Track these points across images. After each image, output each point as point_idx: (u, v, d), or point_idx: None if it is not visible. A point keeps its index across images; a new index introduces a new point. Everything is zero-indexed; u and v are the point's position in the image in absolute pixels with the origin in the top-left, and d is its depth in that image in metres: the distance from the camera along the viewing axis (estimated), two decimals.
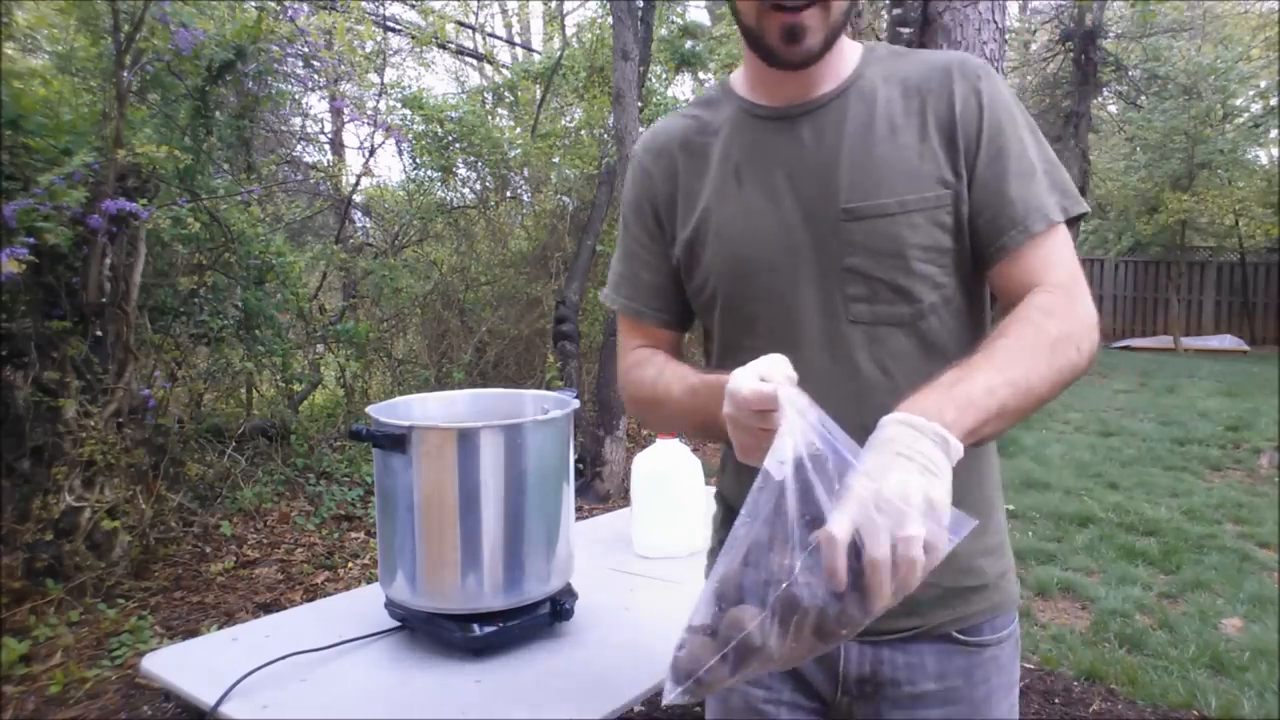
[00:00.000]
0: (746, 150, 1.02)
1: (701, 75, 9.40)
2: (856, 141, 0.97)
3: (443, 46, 7.67)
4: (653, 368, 1.07)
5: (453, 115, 6.52)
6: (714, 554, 1.15)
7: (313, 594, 3.46)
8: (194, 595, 3.40)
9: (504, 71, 8.81)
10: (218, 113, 4.40)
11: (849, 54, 1.01)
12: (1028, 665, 2.95)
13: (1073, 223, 0.97)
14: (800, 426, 0.72)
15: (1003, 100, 0.97)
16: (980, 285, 1.02)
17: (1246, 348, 12.75)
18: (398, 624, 1.40)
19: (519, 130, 7.36)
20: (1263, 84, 13.43)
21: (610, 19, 5.42)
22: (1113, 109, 14.60)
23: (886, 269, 0.96)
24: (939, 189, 0.95)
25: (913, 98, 0.97)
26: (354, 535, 4.13)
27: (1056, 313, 0.89)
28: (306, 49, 4.73)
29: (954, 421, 0.75)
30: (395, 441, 1.29)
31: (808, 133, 0.99)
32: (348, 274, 6.11)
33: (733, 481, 1.09)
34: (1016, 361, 0.83)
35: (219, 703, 1.17)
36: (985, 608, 1.02)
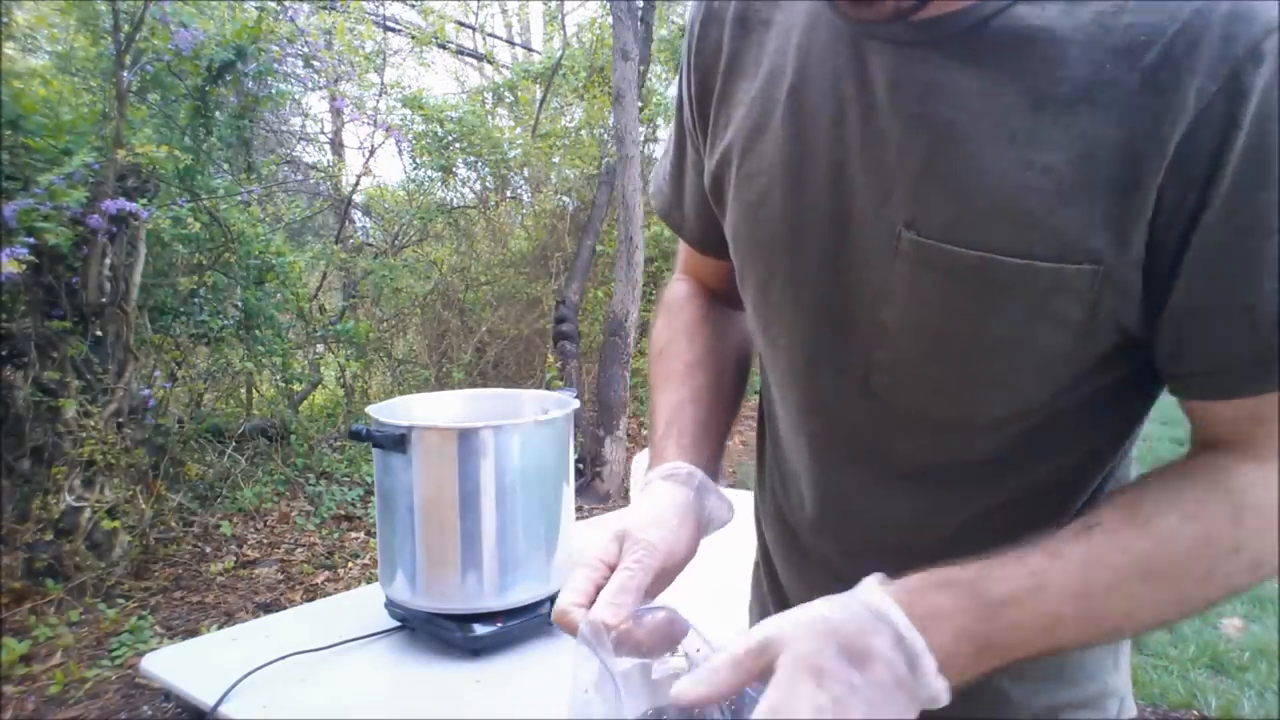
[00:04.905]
0: (811, 68, 0.63)
1: None
2: (951, 129, 0.56)
3: (443, 46, 7.67)
4: (668, 349, 0.83)
5: (453, 115, 6.52)
6: (752, 610, 0.93)
7: (313, 594, 3.46)
8: (194, 595, 3.40)
9: (504, 71, 8.81)
10: (218, 113, 4.40)
11: None
12: None
13: None
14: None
15: None
16: (1130, 389, 0.64)
17: None
18: (398, 624, 1.40)
19: (519, 130, 7.37)
20: None
21: (610, 19, 5.42)
22: None
23: (930, 349, 0.61)
24: (1070, 259, 0.54)
25: (1097, 84, 0.52)
26: (354, 535, 4.13)
27: (1253, 515, 0.54)
28: (306, 49, 4.73)
29: (962, 663, 0.51)
30: (395, 441, 1.29)
31: (882, 77, 0.59)
32: (348, 274, 6.11)
33: (761, 507, 0.85)
34: (1129, 593, 0.53)
35: (219, 703, 1.17)
36: None
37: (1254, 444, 0.56)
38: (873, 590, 0.52)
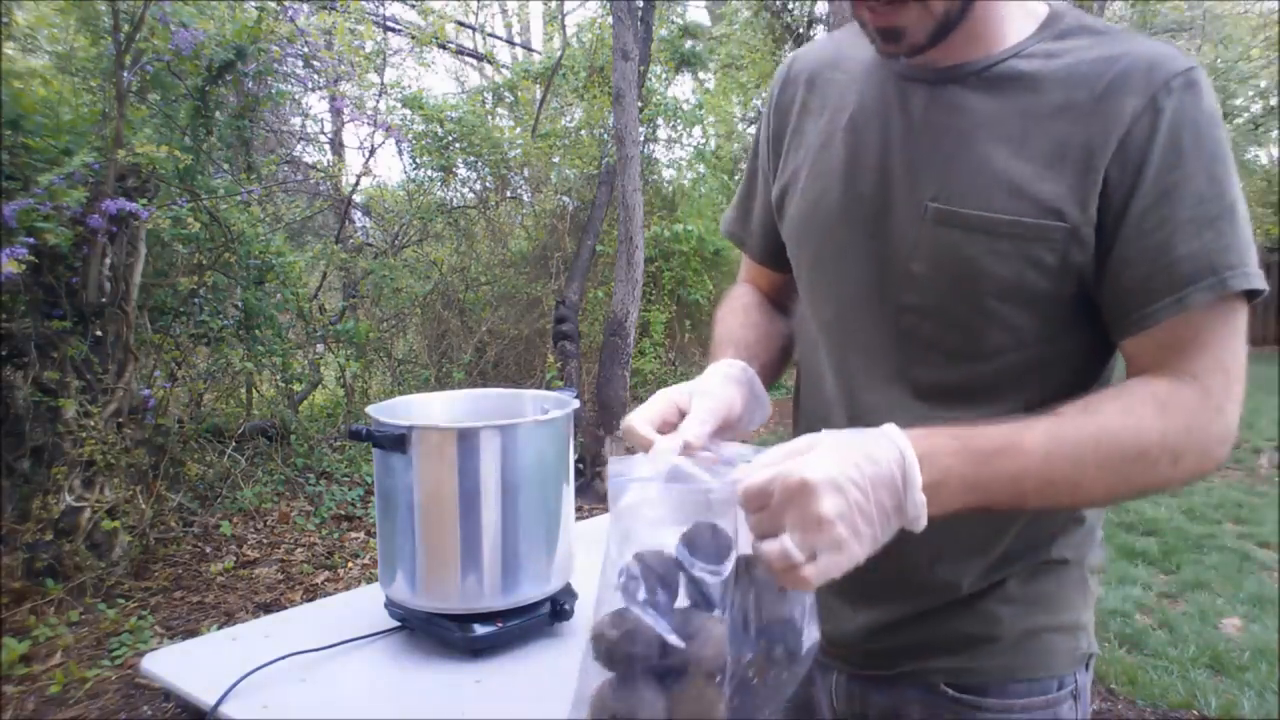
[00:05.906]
0: (866, 103, 0.89)
1: (701, 75, 9.40)
2: (967, 134, 0.82)
3: (443, 46, 7.67)
4: (728, 312, 1.03)
5: (453, 115, 6.52)
6: None
7: (313, 594, 3.46)
8: (194, 595, 3.40)
9: (504, 71, 8.81)
10: (218, 113, 4.41)
11: (1016, 21, 0.83)
12: None
13: (1248, 299, 0.78)
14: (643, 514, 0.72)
15: (1192, 121, 0.75)
16: (1091, 347, 0.86)
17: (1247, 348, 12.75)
18: (398, 624, 1.40)
19: (519, 130, 7.37)
20: (1262, 84, 13.44)
21: (610, 19, 5.42)
22: None
23: (948, 290, 0.82)
24: (1047, 219, 0.77)
25: (1066, 106, 0.79)
26: (354, 535, 4.13)
27: (1174, 413, 0.74)
28: (306, 49, 4.73)
29: (947, 495, 0.67)
30: (395, 441, 1.29)
31: (919, 104, 0.85)
32: (348, 274, 6.11)
33: None
34: (1079, 461, 0.71)
35: (219, 703, 1.17)
36: (992, 666, 0.87)
37: (1171, 368, 0.76)
38: (889, 427, 0.68)
